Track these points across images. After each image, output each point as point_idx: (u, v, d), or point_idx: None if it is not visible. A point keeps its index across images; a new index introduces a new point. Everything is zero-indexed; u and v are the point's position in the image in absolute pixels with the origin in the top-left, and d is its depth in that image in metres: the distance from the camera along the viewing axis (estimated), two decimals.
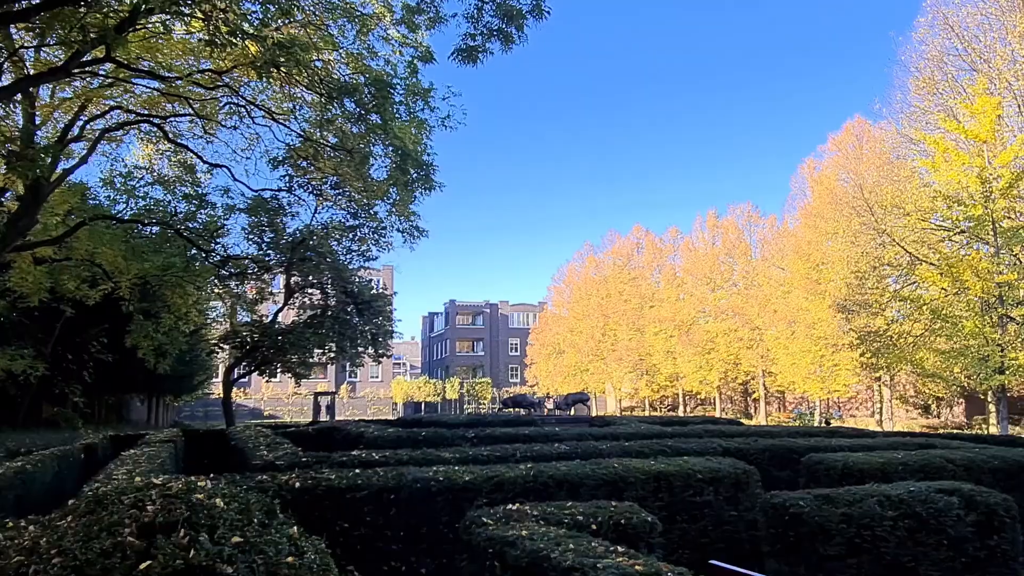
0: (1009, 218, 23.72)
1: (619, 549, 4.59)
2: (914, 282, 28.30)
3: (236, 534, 2.82)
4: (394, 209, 23.51)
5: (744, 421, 39.45)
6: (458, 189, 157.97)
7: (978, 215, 22.57)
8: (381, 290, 34.36)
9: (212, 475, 6.36)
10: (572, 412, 47.07)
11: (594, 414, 55.36)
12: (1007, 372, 21.90)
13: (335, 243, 27.12)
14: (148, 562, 2.55)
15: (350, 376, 79.58)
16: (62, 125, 18.20)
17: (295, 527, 3.17)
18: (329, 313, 29.08)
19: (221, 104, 18.14)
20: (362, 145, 16.19)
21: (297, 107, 16.79)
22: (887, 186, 30.68)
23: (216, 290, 27.49)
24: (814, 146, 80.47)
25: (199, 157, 20.38)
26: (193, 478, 3.53)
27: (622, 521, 5.86)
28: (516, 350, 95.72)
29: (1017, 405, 31.27)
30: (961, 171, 23.07)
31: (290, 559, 2.80)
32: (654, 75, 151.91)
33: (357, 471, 7.51)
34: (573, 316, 70.88)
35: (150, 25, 14.32)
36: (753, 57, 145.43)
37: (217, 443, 15.73)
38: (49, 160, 15.65)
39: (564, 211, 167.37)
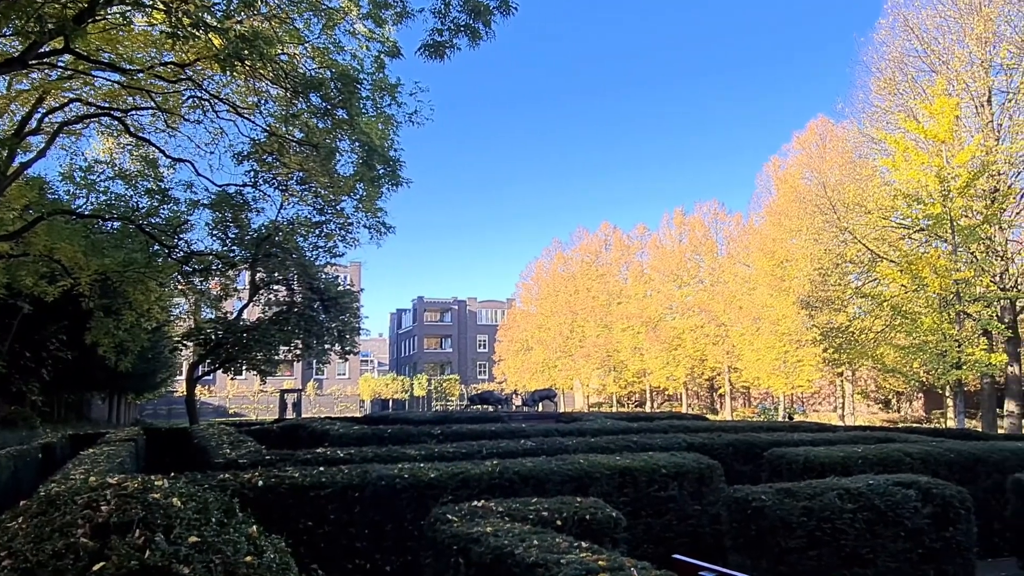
0: (966, 216, 24.18)
1: (583, 545, 4.60)
2: (875, 279, 28.75)
3: (193, 533, 2.77)
4: (361, 205, 23.37)
5: (709, 416, 39.89)
6: (426, 185, 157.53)
7: (937, 213, 22.97)
8: (348, 287, 34.14)
9: (172, 474, 6.27)
10: (540, 408, 47.27)
11: (561, 410, 55.64)
12: (964, 367, 22.35)
13: (301, 239, 26.90)
14: (102, 563, 2.50)
15: (317, 373, 78.98)
16: (19, 117, 17.81)
17: (255, 526, 3.13)
18: (295, 310, 28.86)
19: (184, 98, 17.86)
20: (328, 140, 16.05)
21: (262, 102, 16.60)
22: (849, 184, 31.15)
23: (179, 286, 27.12)
24: (780, 145, 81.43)
25: (162, 151, 20.08)
26: (151, 477, 3.48)
27: (587, 517, 5.88)
28: (484, 347, 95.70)
29: (973, 399, 31.96)
30: (920, 170, 23.47)
31: (248, 558, 2.76)
32: (623, 74, 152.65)
33: (321, 469, 7.45)
34: (541, 313, 71.07)
35: (110, 16, 14.03)
36: (722, 57, 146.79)
37: (180, 441, 15.52)
38: (6, 154, 15.32)
39: (533, 208, 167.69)
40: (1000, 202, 25.09)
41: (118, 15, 13.65)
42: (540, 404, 48.79)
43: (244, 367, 29.40)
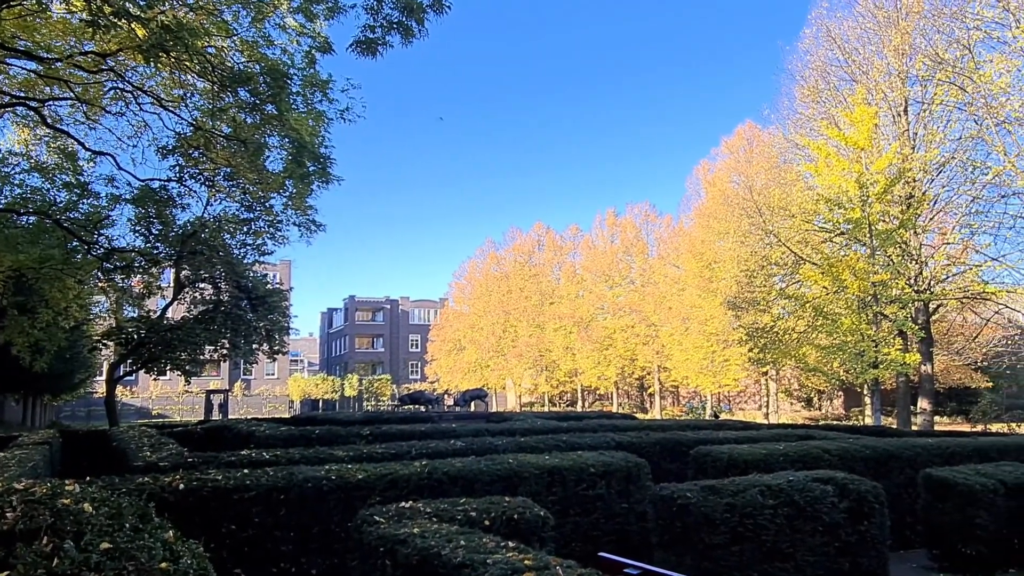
0: (883, 221, 25.09)
1: (510, 544, 4.61)
2: (798, 281, 29.59)
3: (105, 540, 2.68)
4: (290, 202, 22.93)
5: (639, 415, 40.52)
6: (359, 184, 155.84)
7: (856, 218, 23.77)
8: (277, 285, 33.59)
9: (88, 478, 6.06)
10: (472, 408, 47.25)
11: (494, 410, 55.72)
12: (880, 366, 23.17)
13: (228, 236, 26.25)
14: (7, 572, 2.41)
15: (244, 373, 77.39)
16: None
17: (171, 531, 3.05)
18: (222, 309, 28.20)
19: (105, 89, 17.25)
20: (257, 136, 15.73)
21: (188, 95, 16.16)
22: (775, 189, 32.01)
23: (100, 284, 26.18)
24: (710, 149, 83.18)
25: (81, 144, 19.33)
26: (62, 482, 3.35)
27: (515, 516, 5.90)
28: (417, 346, 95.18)
29: (889, 397, 33.20)
30: (841, 176, 24.25)
31: (164, 564, 2.69)
32: (556, 75, 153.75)
33: (246, 471, 7.31)
34: (474, 312, 71.04)
35: (26, 2, 13.49)
36: (656, 62, 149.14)
37: (98, 444, 14.98)
38: None
39: (467, 208, 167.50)
40: (915, 208, 26.12)
41: (35, 1, 13.14)
42: (472, 404, 48.78)
43: (168, 367, 28.58)
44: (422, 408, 44.24)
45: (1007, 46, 23.62)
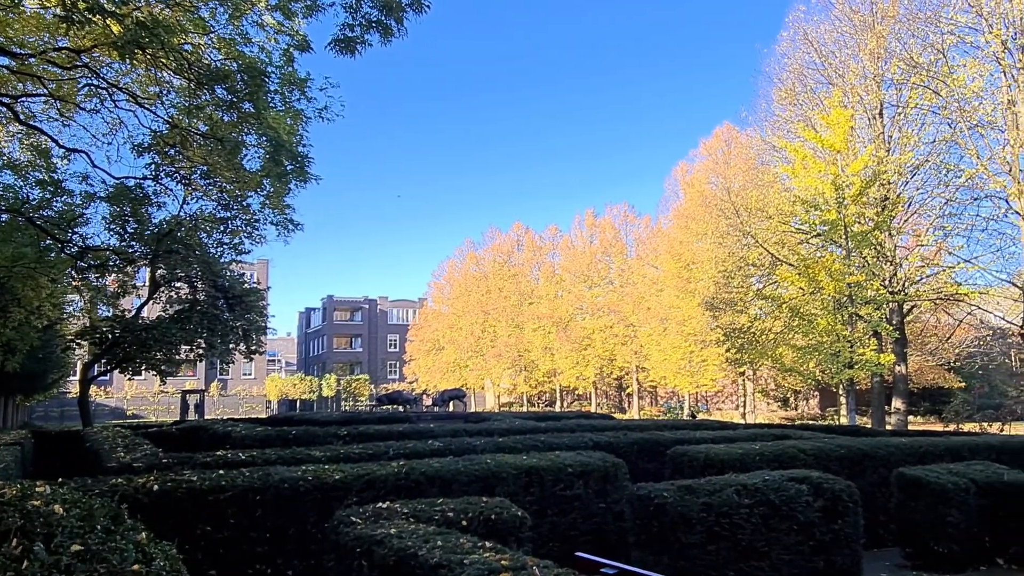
0: (859, 223, 25.35)
1: (487, 545, 4.61)
2: (775, 282, 29.85)
3: (76, 542, 2.65)
4: (268, 201, 22.77)
5: (617, 415, 40.60)
6: (337, 183, 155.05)
7: (832, 220, 24.00)
8: (254, 284, 33.31)
9: (60, 479, 5.98)
10: (451, 408, 47.22)
11: (472, 410, 55.70)
12: (855, 367, 23.42)
13: (205, 235, 26.02)
14: None
15: (221, 373, 76.67)
16: None
17: (144, 532, 3.02)
18: (198, 308, 27.90)
19: (80, 85, 17.03)
20: (234, 134, 15.58)
21: (164, 92, 15.98)
22: (752, 190, 32.27)
23: (74, 283, 25.84)
24: (688, 151, 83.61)
25: (55, 141, 19.07)
26: (33, 483, 3.31)
27: (492, 516, 5.91)
28: (395, 347, 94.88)
29: (864, 397, 33.53)
30: (818, 178, 24.48)
31: (136, 567, 2.66)
32: (538, 74, 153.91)
33: (221, 472, 7.24)
34: (453, 312, 70.94)
35: None
36: (636, 61, 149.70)
37: (71, 445, 14.82)
38: None
39: (446, 208, 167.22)
40: (890, 210, 26.43)
41: None
42: (450, 404, 48.76)
43: (143, 367, 28.24)
44: (400, 408, 44.12)
45: (980, 51, 24.02)
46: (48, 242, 21.25)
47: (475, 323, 66.73)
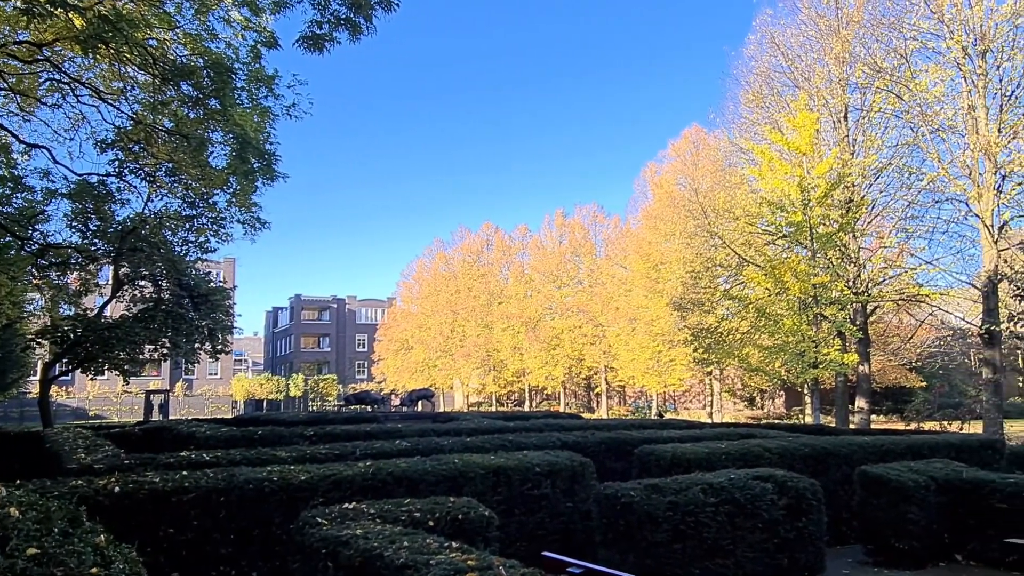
0: (824, 225, 25.68)
1: (454, 545, 4.61)
2: (742, 282, 30.11)
3: (32, 545, 2.60)
4: (234, 199, 22.53)
5: (586, 415, 40.80)
6: (305, 181, 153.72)
7: (798, 221, 24.27)
8: (220, 283, 32.87)
9: (18, 481, 5.86)
10: (419, 408, 47.06)
11: (441, 410, 55.59)
12: (820, 366, 23.72)
13: (170, 233, 25.60)
14: None
15: (186, 373, 75.68)
16: None
17: (103, 535, 2.97)
18: (162, 307, 27.43)
19: (41, 80, 16.74)
20: (200, 131, 15.43)
21: (128, 87, 15.78)
22: (720, 191, 32.54)
23: (34, 281, 25.33)
24: (657, 151, 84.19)
25: (15, 136, 18.70)
26: None
27: (459, 516, 5.91)
28: (364, 346, 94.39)
29: (829, 396, 34.00)
30: (784, 180, 24.74)
31: (95, 570, 2.62)
32: (507, 74, 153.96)
33: (184, 473, 7.14)
34: (422, 312, 70.70)
35: None
36: (605, 62, 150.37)
37: (31, 447, 14.46)
38: None
39: (414, 207, 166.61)
40: (854, 212, 26.81)
41: None
42: (419, 404, 48.58)
43: (105, 367, 27.68)
44: (368, 408, 43.88)
45: (942, 56, 24.46)
46: (8, 239, 20.81)
47: (444, 323, 66.56)
